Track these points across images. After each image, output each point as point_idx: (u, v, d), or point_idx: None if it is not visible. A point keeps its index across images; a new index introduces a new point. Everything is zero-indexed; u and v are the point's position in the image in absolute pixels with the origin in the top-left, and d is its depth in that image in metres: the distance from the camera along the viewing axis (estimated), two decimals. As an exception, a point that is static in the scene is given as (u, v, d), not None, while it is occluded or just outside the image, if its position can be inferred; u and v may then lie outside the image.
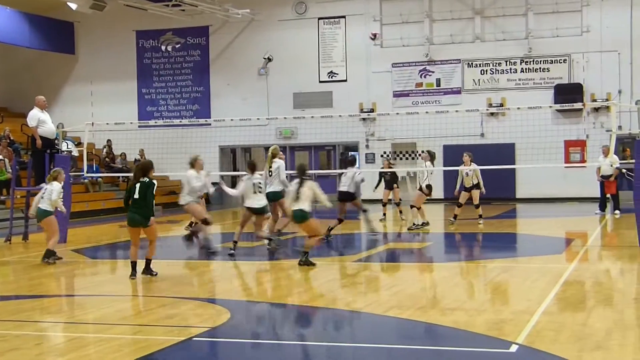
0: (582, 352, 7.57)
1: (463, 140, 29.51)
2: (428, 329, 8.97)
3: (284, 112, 30.72)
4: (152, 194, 12.67)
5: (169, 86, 34.71)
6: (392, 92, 31.65)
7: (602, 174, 23.05)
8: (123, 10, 32.00)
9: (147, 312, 10.31)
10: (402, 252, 16.70)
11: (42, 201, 14.90)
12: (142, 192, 12.61)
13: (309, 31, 32.67)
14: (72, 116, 31.54)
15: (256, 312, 10.55)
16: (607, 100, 28.18)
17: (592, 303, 10.24)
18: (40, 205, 14.88)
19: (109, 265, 16.00)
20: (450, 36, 31.14)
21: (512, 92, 30.23)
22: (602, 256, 15.33)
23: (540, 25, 30.08)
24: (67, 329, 9.18)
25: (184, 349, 8.18)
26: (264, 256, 15.92)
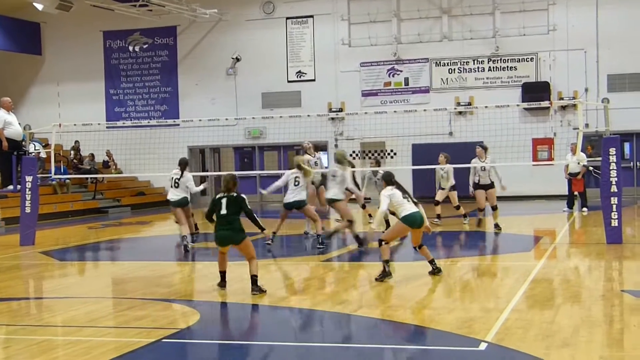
0: (549, 350, 7.64)
1: (432, 139, 29.64)
2: (398, 327, 9.00)
3: (252, 112, 30.70)
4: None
5: (136, 87, 34.52)
6: (361, 92, 31.71)
7: (569, 171, 23.25)
8: (90, 11, 31.75)
9: (116, 314, 10.25)
10: (372, 252, 16.73)
11: None
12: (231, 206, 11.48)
13: (277, 31, 32.65)
14: (39, 117, 31.27)
15: (225, 313, 10.52)
16: (574, 98, 28.45)
17: (560, 300, 10.32)
18: None
19: (77, 267, 15.88)
20: (418, 35, 31.25)
21: (480, 91, 30.40)
22: (570, 253, 15.47)
23: (507, 24, 30.27)
24: (35, 332, 9.10)
25: (153, 351, 8.14)
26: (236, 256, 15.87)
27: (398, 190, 12.07)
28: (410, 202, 12.00)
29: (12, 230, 20.30)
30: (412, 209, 11.94)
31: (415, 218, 11.92)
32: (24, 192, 18.23)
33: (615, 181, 15.45)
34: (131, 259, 16.57)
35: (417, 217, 11.91)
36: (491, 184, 18.64)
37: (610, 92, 28.79)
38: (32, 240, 18.09)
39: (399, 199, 12.00)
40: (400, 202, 11.99)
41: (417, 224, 11.94)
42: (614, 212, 15.45)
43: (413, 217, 11.89)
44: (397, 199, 11.99)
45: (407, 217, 11.89)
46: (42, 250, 17.21)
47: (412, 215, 11.89)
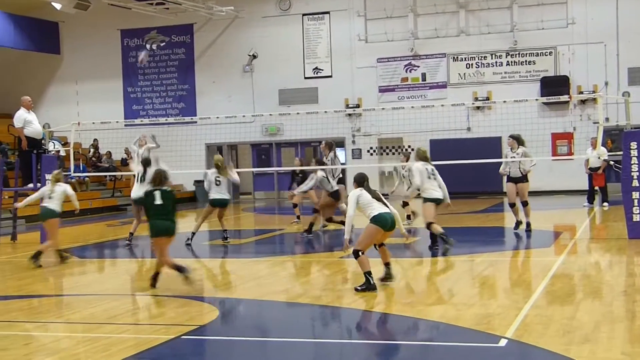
0: (570, 346, 7.58)
1: (449, 134, 29.57)
2: (416, 324, 8.96)
3: (269, 108, 30.73)
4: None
5: (154, 85, 34.61)
6: (378, 87, 31.64)
7: (590, 166, 23.10)
8: (107, 10, 31.87)
9: (135, 311, 10.28)
10: (390, 248, 16.66)
11: (49, 201, 14.69)
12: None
13: (293, 27, 32.63)
14: (58, 116, 31.39)
15: (244, 310, 10.52)
16: (594, 92, 28.23)
17: (580, 296, 10.25)
18: (48, 204, 14.68)
19: (96, 264, 15.93)
20: (434, 30, 31.14)
21: (498, 86, 30.27)
22: (591, 249, 15.36)
23: (525, 17, 30.11)
24: (55, 329, 9.14)
25: (172, 348, 8.14)
26: (254, 253, 15.92)
27: (367, 193, 11.16)
28: (380, 203, 11.06)
29: (32, 228, 20.39)
30: (382, 209, 11.01)
31: (386, 219, 10.96)
32: (44, 190, 18.28)
33: (637, 175, 15.32)
34: (149, 256, 16.59)
35: (388, 218, 10.97)
36: (522, 177, 17.20)
37: (631, 86, 28.51)
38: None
39: (366, 199, 11.10)
40: (368, 202, 11.08)
41: (389, 225, 11.00)
42: (636, 206, 15.33)
43: (383, 218, 10.93)
44: (364, 199, 11.09)
45: (376, 217, 10.94)
46: (61, 247, 17.23)
47: (382, 215, 10.95)
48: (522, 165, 17.20)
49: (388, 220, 10.92)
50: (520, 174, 17.17)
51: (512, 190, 17.32)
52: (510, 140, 17.45)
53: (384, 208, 11.00)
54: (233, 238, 18.00)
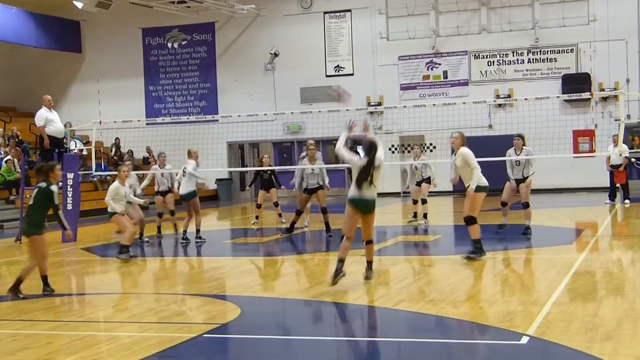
0: (592, 343, 7.55)
1: (471, 132, 29.35)
2: (439, 321, 8.95)
3: (291, 107, 30.73)
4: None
5: (175, 83, 34.74)
6: (399, 85, 31.62)
7: (611, 163, 22.98)
8: (129, 8, 32.03)
9: (158, 310, 10.32)
10: (412, 245, 16.69)
11: None
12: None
13: (315, 25, 32.65)
14: (80, 115, 31.62)
15: (266, 308, 10.54)
16: (615, 89, 28.12)
17: (602, 293, 10.21)
18: None
19: (118, 263, 16.01)
20: (456, 28, 31.07)
21: (520, 83, 30.17)
22: (613, 246, 15.29)
23: (546, 15, 29.99)
24: (78, 328, 9.20)
25: (194, 346, 8.18)
26: (276, 251, 15.96)
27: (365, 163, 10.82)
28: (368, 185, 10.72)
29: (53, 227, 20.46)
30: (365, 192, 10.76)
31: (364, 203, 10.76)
32: (66, 189, 18.45)
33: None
34: (171, 254, 16.69)
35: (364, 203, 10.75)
36: (524, 179, 16.59)
37: (653, 83, 28.44)
38: (74, 236, 18.26)
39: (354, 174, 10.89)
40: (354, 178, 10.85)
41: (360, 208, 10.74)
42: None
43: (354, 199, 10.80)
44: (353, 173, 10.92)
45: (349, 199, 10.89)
46: (83, 246, 17.39)
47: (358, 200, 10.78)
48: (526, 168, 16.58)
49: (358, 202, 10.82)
50: (522, 175, 16.65)
51: (509, 190, 16.83)
52: (518, 141, 16.77)
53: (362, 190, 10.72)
54: (253, 236, 18.05)
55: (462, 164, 13.13)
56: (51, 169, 11.33)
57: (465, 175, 13.13)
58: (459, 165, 13.17)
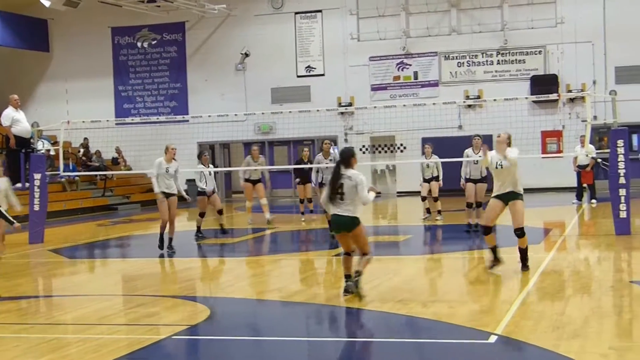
0: (559, 341, 7.63)
1: (441, 132, 29.56)
2: (409, 321, 8.99)
3: (262, 107, 30.71)
4: None
5: (145, 83, 34.57)
6: (370, 86, 31.68)
7: (578, 163, 23.19)
8: (97, 7, 31.80)
9: (127, 311, 10.27)
10: (382, 246, 16.74)
11: None
12: None
13: (286, 26, 32.64)
14: (48, 114, 31.32)
15: (236, 309, 10.53)
16: (582, 90, 28.39)
17: (569, 292, 10.31)
18: None
19: (87, 264, 15.92)
20: (426, 29, 31.19)
21: (489, 84, 30.35)
22: (580, 245, 15.44)
23: (515, 17, 30.19)
24: (45, 330, 9.13)
25: (163, 348, 8.16)
26: (247, 252, 15.95)
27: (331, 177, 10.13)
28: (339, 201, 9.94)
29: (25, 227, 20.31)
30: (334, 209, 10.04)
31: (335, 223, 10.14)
32: (33, 189, 18.29)
33: (624, 173, 15.45)
34: (141, 255, 16.63)
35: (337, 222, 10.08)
36: (482, 179, 16.99)
37: (618, 84, 28.78)
38: (41, 238, 18.15)
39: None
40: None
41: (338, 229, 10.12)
42: (623, 203, 15.43)
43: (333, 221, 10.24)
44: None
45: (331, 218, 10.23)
46: (51, 248, 17.25)
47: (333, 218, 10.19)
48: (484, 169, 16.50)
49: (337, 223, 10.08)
50: (480, 175, 16.97)
51: (472, 191, 17.07)
52: (478, 140, 17.01)
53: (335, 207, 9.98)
54: (226, 236, 18.03)
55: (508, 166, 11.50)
56: None
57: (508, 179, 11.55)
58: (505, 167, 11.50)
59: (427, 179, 19.65)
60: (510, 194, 11.46)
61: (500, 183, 11.56)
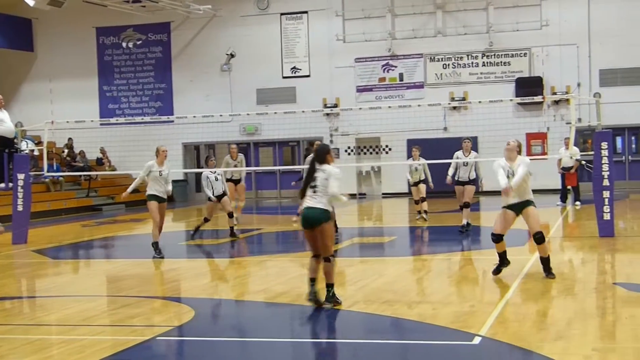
0: (543, 342, 7.67)
1: (426, 134, 29.66)
2: (393, 322, 9.01)
3: (247, 108, 30.71)
4: None
5: (130, 83, 34.48)
6: (356, 87, 31.71)
7: (562, 165, 23.28)
8: (82, 7, 31.68)
9: (111, 312, 10.24)
10: (367, 247, 16.76)
11: None
12: None
13: (272, 27, 32.63)
14: (32, 114, 31.21)
15: (221, 310, 10.52)
16: (567, 93, 28.50)
17: (553, 294, 10.35)
18: None
19: (71, 265, 15.85)
20: (412, 31, 31.24)
21: (474, 86, 30.44)
22: (564, 247, 15.51)
23: (500, 19, 30.29)
24: (29, 331, 9.09)
25: (147, 349, 8.14)
26: (232, 253, 15.93)
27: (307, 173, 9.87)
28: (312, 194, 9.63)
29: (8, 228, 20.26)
30: (306, 202, 9.68)
31: (303, 215, 9.71)
32: (16, 190, 18.18)
33: (608, 175, 15.51)
34: (125, 256, 16.58)
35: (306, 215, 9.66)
36: (470, 181, 17.27)
37: (603, 87, 28.98)
38: (24, 238, 18.05)
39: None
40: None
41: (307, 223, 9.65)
42: (606, 205, 15.50)
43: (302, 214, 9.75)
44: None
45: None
46: (35, 248, 17.17)
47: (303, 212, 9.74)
48: (472, 171, 17.15)
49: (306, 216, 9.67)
50: (468, 178, 17.22)
51: (461, 193, 17.36)
52: (468, 143, 17.30)
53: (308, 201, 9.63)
54: (211, 238, 18.00)
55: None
56: None
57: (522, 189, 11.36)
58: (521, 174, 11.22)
59: (415, 182, 19.70)
60: (521, 204, 11.31)
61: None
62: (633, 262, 12.92)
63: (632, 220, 19.97)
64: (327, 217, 9.59)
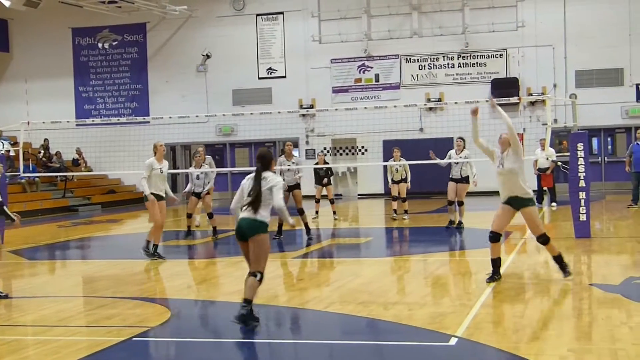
0: (519, 344, 7.71)
1: (402, 135, 29.73)
2: (369, 323, 9.03)
3: (223, 109, 30.65)
4: None
5: (106, 84, 34.32)
6: (332, 88, 31.74)
7: (538, 167, 23.41)
8: (58, 7, 31.52)
9: (87, 313, 10.20)
10: (343, 248, 16.77)
11: None
12: None
13: (248, 28, 32.59)
14: (7, 115, 31.03)
15: (196, 311, 10.50)
16: (543, 94, 28.65)
17: (529, 294, 10.41)
18: None
19: (47, 266, 15.75)
20: (388, 32, 31.31)
21: (450, 87, 30.55)
22: (540, 248, 15.47)
23: (476, 20, 30.41)
24: (5, 332, 9.03)
25: (123, 350, 8.11)
26: (208, 253, 15.89)
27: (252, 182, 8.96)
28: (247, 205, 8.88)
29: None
30: (242, 213, 8.94)
31: (237, 226, 8.93)
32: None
33: (584, 176, 15.60)
34: (102, 257, 16.50)
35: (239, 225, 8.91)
36: (462, 179, 17.92)
37: (578, 88, 29.16)
38: (0, 239, 17.94)
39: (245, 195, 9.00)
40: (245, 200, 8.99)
41: (239, 234, 8.91)
42: (583, 206, 15.59)
43: (237, 225, 8.97)
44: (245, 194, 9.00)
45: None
46: (11, 249, 17.06)
47: (238, 222, 8.96)
48: (464, 169, 17.94)
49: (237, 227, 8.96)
50: (461, 175, 17.96)
51: (453, 190, 18.02)
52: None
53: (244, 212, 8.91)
54: (186, 238, 17.95)
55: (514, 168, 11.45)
56: None
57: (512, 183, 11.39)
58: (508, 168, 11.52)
59: (396, 181, 20.32)
60: (517, 200, 11.13)
61: (502, 186, 11.44)
62: (609, 263, 13.02)
63: (608, 221, 20.11)
64: (264, 229, 8.85)
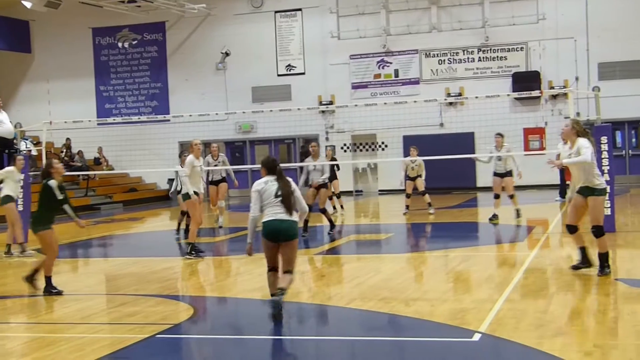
0: (542, 339, 7.64)
1: (422, 130, 29.64)
2: (391, 320, 9.00)
3: (242, 106, 30.63)
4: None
5: (126, 83, 34.44)
6: (351, 84, 31.67)
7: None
8: (78, 8, 31.67)
9: (109, 311, 10.24)
10: (364, 244, 16.74)
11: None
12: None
13: (266, 25, 32.58)
14: (30, 115, 31.16)
15: (219, 308, 10.51)
16: (565, 87, 28.47)
17: (553, 290, 10.33)
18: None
19: (70, 264, 15.82)
20: (407, 27, 31.21)
21: (470, 82, 30.38)
22: (563, 243, 15.45)
23: (496, 13, 30.24)
24: (29, 330, 9.09)
25: (147, 347, 8.12)
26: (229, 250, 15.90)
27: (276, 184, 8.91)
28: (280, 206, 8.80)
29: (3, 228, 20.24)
30: (276, 214, 8.81)
31: (273, 228, 8.80)
32: (16, 190, 18.12)
33: (608, 170, 15.46)
34: (123, 255, 16.56)
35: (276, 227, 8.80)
36: (507, 173, 18.58)
37: (601, 81, 28.78)
38: (24, 237, 17.99)
39: (268, 198, 8.88)
40: (269, 203, 8.86)
41: (275, 236, 8.80)
42: (607, 200, 15.43)
43: (270, 226, 8.82)
44: (266, 197, 8.88)
45: (264, 224, 8.89)
46: (34, 247, 17.13)
47: (270, 222, 8.80)
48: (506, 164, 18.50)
49: (275, 229, 8.82)
50: (505, 169, 18.50)
51: (497, 183, 18.59)
52: (499, 138, 18.48)
53: (279, 214, 8.82)
54: (206, 236, 17.99)
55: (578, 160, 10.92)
56: (49, 165, 11.45)
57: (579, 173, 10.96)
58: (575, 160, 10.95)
59: (411, 177, 20.56)
60: (585, 189, 10.87)
61: (574, 177, 11.13)
62: (634, 258, 12.91)
63: (632, 215, 19.94)
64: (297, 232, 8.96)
